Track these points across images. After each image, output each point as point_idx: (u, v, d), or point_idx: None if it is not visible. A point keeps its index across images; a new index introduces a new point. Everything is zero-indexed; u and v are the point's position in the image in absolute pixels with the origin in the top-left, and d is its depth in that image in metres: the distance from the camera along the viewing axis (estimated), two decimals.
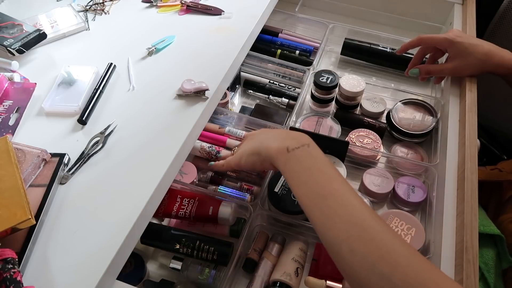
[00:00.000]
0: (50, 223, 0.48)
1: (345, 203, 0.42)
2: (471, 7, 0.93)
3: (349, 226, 0.40)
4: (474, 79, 0.75)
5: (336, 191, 0.43)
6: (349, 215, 0.41)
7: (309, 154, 0.47)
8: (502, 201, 0.85)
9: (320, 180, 0.44)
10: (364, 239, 0.39)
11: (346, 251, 0.39)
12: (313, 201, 0.44)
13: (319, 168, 0.45)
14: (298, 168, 0.46)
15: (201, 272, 0.62)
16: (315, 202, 0.43)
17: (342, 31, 0.99)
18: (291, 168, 0.47)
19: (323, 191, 0.43)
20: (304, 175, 0.45)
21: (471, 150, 0.63)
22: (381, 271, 0.36)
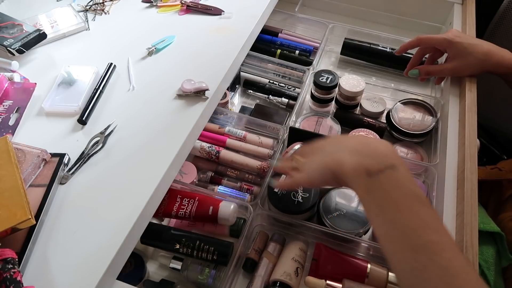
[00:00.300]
0: (50, 223, 0.48)
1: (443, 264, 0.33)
2: (471, 7, 0.93)
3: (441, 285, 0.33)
4: (474, 79, 0.75)
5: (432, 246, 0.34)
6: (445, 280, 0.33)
7: (396, 182, 0.36)
8: (501, 199, 0.85)
9: (412, 224, 0.35)
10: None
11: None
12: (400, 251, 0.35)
13: (409, 206, 0.35)
14: (381, 202, 0.37)
15: (201, 272, 0.62)
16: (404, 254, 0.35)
17: (342, 31, 0.99)
18: (372, 200, 0.37)
19: (415, 242, 0.34)
20: (388, 213, 0.36)
21: (471, 150, 0.63)
22: None
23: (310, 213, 0.66)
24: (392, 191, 0.36)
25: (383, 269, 0.61)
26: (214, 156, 0.78)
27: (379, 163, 0.37)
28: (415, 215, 0.35)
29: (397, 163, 0.37)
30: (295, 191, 0.65)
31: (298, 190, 0.65)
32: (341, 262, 0.62)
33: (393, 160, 0.38)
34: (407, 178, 0.37)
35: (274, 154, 0.77)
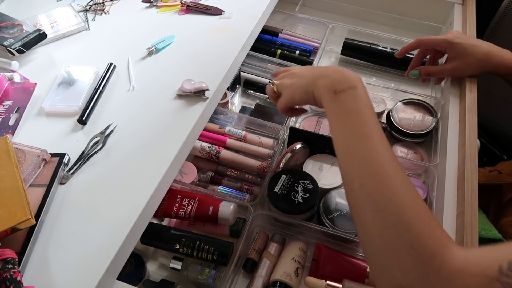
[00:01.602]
0: (50, 223, 0.48)
1: (370, 146, 0.44)
2: (471, 7, 0.93)
3: (367, 167, 0.43)
4: (474, 79, 0.75)
5: (366, 135, 0.45)
6: (369, 157, 0.43)
7: (353, 96, 0.48)
8: (502, 203, 0.85)
9: (355, 123, 0.47)
10: (375, 179, 0.42)
11: (357, 186, 0.43)
12: (342, 140, 0.47)
13: (357, 111, 0.47)
14: (338, 110, 0.48)
15: (201, 272, 0.62)
16: (344, 141, 0.47)
17: (342, 31, 0.99)
18: (332, 109, 0.49)
19: (354, 133, 0.46)
20: (341, 117, 0.48)
21: (471, 150, 0.63)
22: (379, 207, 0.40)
23: (310, 213, 0.66)
24: (349, 103, 0.48)
25: None
26: (214, 156, 0.78)
27: (343, 84, 0.49)
28: (359, 117, 0.47)
29: (358, 85, 0.49)
30: (295, 191, 0.65)
31: (298, 190, 0.65)
32: (341, 262, 0.62)
33: (355, 83, 0.49)
34: (362, 95, 0.49)
35: (274, 154, 0.77)
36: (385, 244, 0.39)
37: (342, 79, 0.50)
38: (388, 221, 0.39)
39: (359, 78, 0.51)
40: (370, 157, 0.44)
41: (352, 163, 0.45)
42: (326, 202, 0.67)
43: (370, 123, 0.46)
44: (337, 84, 0.50)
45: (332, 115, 0.49)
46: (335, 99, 0.49)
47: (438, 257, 0.37)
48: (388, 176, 0.42)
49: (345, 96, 0.49)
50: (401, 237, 0.38)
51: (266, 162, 0.77)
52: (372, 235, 0.40)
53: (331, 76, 0.51)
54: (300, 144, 0.72)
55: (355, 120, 0.47)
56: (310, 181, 0.67)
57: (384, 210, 0.40)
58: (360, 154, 0.44)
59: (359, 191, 0.43)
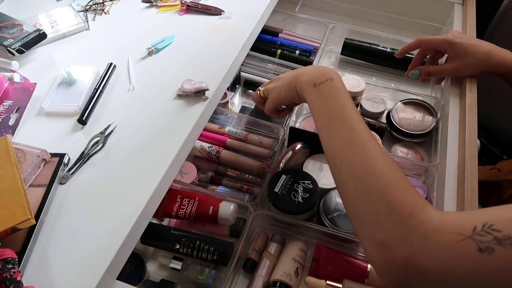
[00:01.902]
0: (50, 223, 0.48)
1: (347, 125, 0.49)
2: (471, 7, 0.93)
3: (346, 142, 0.48)
4: (474, 79, 0.75)
5: (343, 117, 0.50)
6: (348, 134, 0.49)
7: (331, 86, 0.54)
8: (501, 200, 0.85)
9: (333, 107, 0.52)
10: (354, 152, 0.47)
11: (339, 161, 0.48)
12: (323, 123, 0.52)
13: (335, 98, 0.53)
14: (318, 99, 0.54)
15: (201, 272, 0.62)
16: (325, 124, 0.52)
17: (342, 31, 0.99)
18: (313, 99, 0.55)
19: (333, 116, 0.51)
20: (321, 104, 0.54)
21: (471, 150, 0.63)
22: (359, 176, 0.45)
23: (310, 213, 0.66)
24: (327, 92, 0.54)
25: None
26: (214, 156, 0.78)
27: (322, 78, 0.56)
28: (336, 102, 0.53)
29: (334, 77, 0.55)
30: (295, 191, 0.65)
31: (298, 190, 0.65)
32: (341, 262, 0.62)
33: (331, 76, 0.55)
34: (339, 85, 0.55)
35: (274, 154, 0.77)
36: (366, 208, 0.43)
37: (320, 73, 0.56)
38: (368, 188, 0.43)
39: (335, 72, 0.57)
40: (349, 134, 0.49)
41: (333, 142, 0.50)
42: (326, 202, 0.67)
43: (347, 106, 0.52)
44: (316, 78, 0.56)
45: (313, 104, 0.55)
46: (315, 90, 0.55)
47: (414, 216, 0.40)
48: (365, 148, 0.47)
49: (323, 87, 0.55)
50: (380, 200, 0.42)
51: (266, 162, 0.77)
52: (355, 202, 0.44)
53: (311, 72, 0.58)
54: (300, 144, 0.72)
55: (333, 105, 0.53)
56: (310, 181, 0.67)
57: (363, 178, 0.44)
58: (339, 133, 0.49)
59: (341, 165, 0.47)
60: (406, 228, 0.39)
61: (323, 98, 0.54)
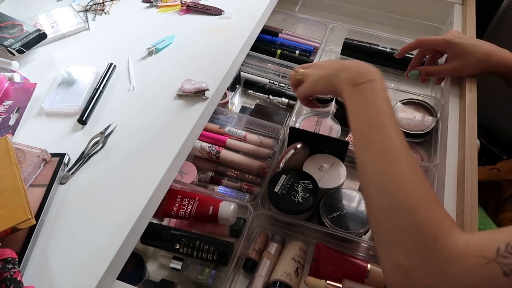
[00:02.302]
0: (50, 223, 0.48)
1: (384, 134, 0.47)
2: (471, 7, 0.93)
3: (379, 152, 0.46)
4: (474, 79, 0.75)
5: (380, 124, 0.48)
6: (382, 144, 0.46)
7: (372, 89, 0.51)
8: (501, 200, 0.85)
9: (371, 112, 0.49)
10: (386, 164, 0.45)
11: (369, 170, 0.46)
12: (359, 127, 0.50)
13: (374, 102, 0.50)
14: (357, 100, 0.52)
15: (201, 272, 0.62)
16: (360, 128, 0.49)
17: (342, 31, 0.99)
18: (351, 99, 0.52)
19: (370, 121, 0.49)
20: (359, 106, 0.51)
21: (471, 150, 0.63)
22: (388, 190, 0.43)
23: (310, 213, 0.66)
24: (367, 94, 0.51)
25: None
26: (214, 156, 0.78)
27: (363, 78, 0.52)
28: (376, 107, 0.50)
29: (377, 78, 0.52)
30: (295, 191, 0.65)
31: (298, 190, 0.65)
32: (341, 262, 0.62)
33: (374, 76, 0.52)
34: (380, 88, 0.51)
35: (274, 154, 0.77)
36: (391, 225, 0.41)
37: (363, 72, 0.53)
38: (395, 204, 0.41)
39: (378, 73, 0.53)
40: (383, 144, 0.46)
41: (366, 150, 0.47)
42: (326, 202, 0.67)
43: (386, 113, 0.49)
44: (358, 77, 0.53)
45: (351, 105, 0.52)
46: (355, 90, 0.52)
47: (439, 240, 0.38)
48: (398, 163, 0.44)
49: (364, 88, 0.52)
50: (405, 219, 0.40)
51: (266, 162, 0.77)
52: (380, 216, 0.42)
53: (353, 69, 0.54)
54: (300, 144, 0.72)
55: (372, 110, 0.49)
56: (310, 181, 0.67)
57: (392, 193, 0.42)
58: (374, 142, 0.47)
59: (371, 176, 0.45)
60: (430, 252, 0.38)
61: (362, 101, 0.51)
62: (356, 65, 0.55)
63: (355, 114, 0.51)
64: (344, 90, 0.54)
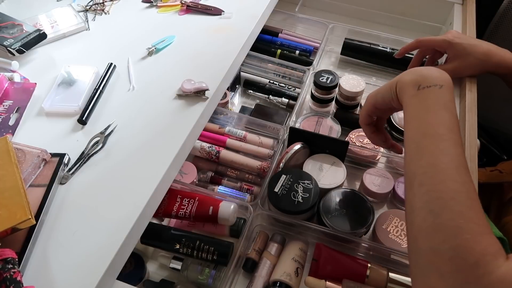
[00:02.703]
0: (50, 223, 0.48)
1: (440, 147, 0.43)
2: (471, 7, 0.93)
3: (431, 166, 0.42)
4: (474, 79, 0.75)
5: (438, 136, 0.44)
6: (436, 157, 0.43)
7: (436, 95, 0.47)
8: (503, 202, 0.85)
9: (432, 121, 0.45)
10: (435, 179, 0.41)
11: (417, 183, 0.42)
12: (414, 135, 0.46)
13: (437, 111, 0.46)
14: (417, 105, 0.47)
15: (201, 272, 0.62)
16: (416, 137, 0.45)
17: (342, 31, 0.99)
18: (412, 104, 0.48)
19: (428, 130, 0.45)
20: (419, 113, 0.47)
21: (471, 150, 0.63)
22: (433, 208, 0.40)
23: (310, 213, 0.66)
24: (430, 100, 0.47)
25: (383, 269, 0.61)
26: (214, 156, 0.78)
27: (429, 81, 0.48)
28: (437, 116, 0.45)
29: (445, 85, 0.47)
30: (295, 191, 0.65)
31: (298, 190, 0.65)
32: (341, 262, 0.62)
33: (442, 82, 0.47)
34: (447, 96, 0.47)
35: (274, 154, 0.77)
36: (429, 246, 0.38)
37: (429, 76, 0.49)
38: (438, 224, 0.39)
39: (448, 78, 0.49)
40: (437, 158, 0.43)
41: (418, 161, 0.44)
42: (326, 202, 0.67)
43: (448, 125, 0.45)
44: (423, 80, 0.48)
45: (410, 110, 0.48)
46: (417, 94, 0.48)
47: (481, 266, 0.35)
48: (450, 180, 0.41)
49: (428, 93, 0.47)
50: (447, 242, 0.37)
51: (266, 162, 0.77)
52: (419, 235, 0.40)
53: (420, 72, 0.50)
54: (300, 144, 0.72)
55: (433, 118, 0.45)
56: (310, 181, 0.67)
57: (437, 212, 0.39)
58: (428, 153, 0.43)
59: (418, 189, 0.42)
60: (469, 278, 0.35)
61: (423, 107, 0.46)
62: (426, 69, 0.51)
63: (412, 121, 0.47)
64: (406, 92, 0.49)
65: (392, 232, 0.65)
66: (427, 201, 0.41)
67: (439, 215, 0.39)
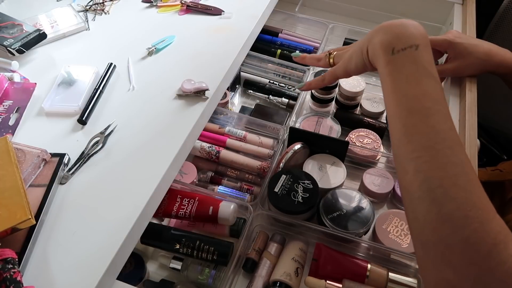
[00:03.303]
0: (50, 223, 0.48)
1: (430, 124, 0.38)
2: (471, 7, 0.93)
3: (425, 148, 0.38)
4: (474, 79, 0.75)
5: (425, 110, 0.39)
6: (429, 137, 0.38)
7: (413, 59, 0.41)
8: (505, 200, 0.85)
9: (413, 93, 0.40)
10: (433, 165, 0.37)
11: (411, 170, 0.38)
12: (398, 112, 0.41)
13: (417, 78, 0.40)
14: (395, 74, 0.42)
15: (201, 272, 0.62)
16: (400, 114, 0.40)
17: (342, 31, 0.99)
18: (387, 73, 0.42)
19: (412, 105, 0.40)
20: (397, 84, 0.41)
21: (471, 150, 0.63)
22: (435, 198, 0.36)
23: (310, 213, 0.66)
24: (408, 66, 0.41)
25: (383, 269, 0.61)
26: (214, 156, 0.78)
27: (404, 43, 0.42)
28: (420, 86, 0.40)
29: (421, 44, 0.42)
30: (295, 191, 0.65)
31: (298, 190, 0.65)
32: (341, 262, 0.62)
33: (417, 41, 0.42)
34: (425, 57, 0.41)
35: (274, 154, 0.77)
36: (437, 238, 0.36)
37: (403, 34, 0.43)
38: (444, 215, 0.36)
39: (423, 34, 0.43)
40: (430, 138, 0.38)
41: (408, 143, 0.39)
42: (326, 202, 0.67)
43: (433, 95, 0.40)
44: (397, 41, 0.42)
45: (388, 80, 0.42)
46: (392, 61, 0.42)
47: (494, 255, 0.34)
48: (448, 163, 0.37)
49: (403, 58, 0.42)
50: (457, 233, 0.35)
51: (266, 162, 0.77)
52: (425, 227, 0.37)
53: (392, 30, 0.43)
54: (300, 144, 0.72)
55: (415, 90, 0.40)
56: (310, 181, 0.67)
57: (441, 202, 0.36)
58: (418, 133, 0.39)
59: (414, 177, 0.38)
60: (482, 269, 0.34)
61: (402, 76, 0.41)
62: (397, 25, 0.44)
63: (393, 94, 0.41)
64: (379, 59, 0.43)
65: (392, 232, 0.65)
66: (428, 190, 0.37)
67: (443, 205, 0.36)
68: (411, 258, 0.62)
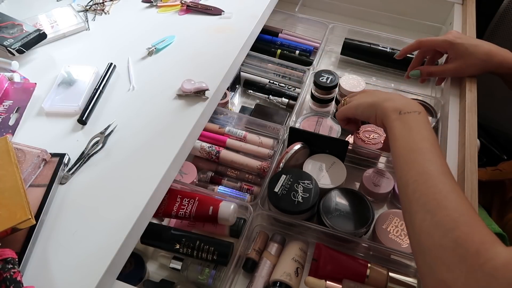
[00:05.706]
0: (50, 223, 0.48)
1: (427, 158, 0.49)
2: (471, 7, 0.93)
3: (421, 174, 0.48)
4: (474, 79, 0.75)
5: (424, 149, 0.50)
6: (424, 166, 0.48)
7: (416, 119, 0.55)
8: (505, 200, 0.85)
9: (415, 138, 0.52)
10: (427, 185, 0.46)
11: (411, 191, 0.47)
12: (402, 152, 0.52)
13: (419, 130, 0.53)
14: (401, 127, 0.55)
15: (201, 272, 0.62)
16: (403, 152, 0.52)
17: (342, 31, 0.99)
18: (396, 126, 0.55)
19: (413, 146, 0.51)
20: (403, 132, 0.54)
21: (471, 150, 0.63)
22: (429, 208, 0.44)
23: (310, 213, 0.66)
24: (412, 122, 0.54)
25: (383, 269, 0.61)
26: (214, 156, 0.78)
27: (409, 109, 0.56)
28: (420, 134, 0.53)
29: (422, 112, 0.56)
30: (295, 191, 0.65)
31: (298, 190, 0.65)
32: (341, 262, 0.62)
33: (420, 110, 0.56)
34: (425, 119, 0.55)
35: (274, 154, 0.77)
36: (432, 243, 0.42)
37: (409, 104, 0.57)
38: (436, 221, 0.42)
39: (423, 108, 0.57)
40: (425, 167, 0.48)
41: (408, 172, 0.49)
42: (326, 202, 0.67)
43: (430, 140, 0.52)
44: (404, 107, 0.57)
45: (395, 131, 0.55)
46: (400, 118, 0.56)
47: (482, 253, 0.38)
48: (440, 183, 0.46)
49: (409, 117, 0.55)
50: (447, 235, 0.41)
51: (266, 162, 0.77)
52: (421, 235, 0.43)
53: (399, 101, 0.58)
54: (300, 144, 0.72)
55: (416, 136, 0.52)
56: (310, 181, 0.67)
57: (433, 211, 0.43)
58: (416, 164, 0.49)
59: (412, 195, 0.47)
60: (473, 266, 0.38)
61: (407, 127, 0.54)
62: (402, 98, 0.60)
63: (398, 140, 0.54)
64: (389, 117, 0.57)
65: (392, 232, 0.65)
66: (423, 203, 0.45)
67: (436, 213, 0.43)
68: (411, 258, 0.62)
